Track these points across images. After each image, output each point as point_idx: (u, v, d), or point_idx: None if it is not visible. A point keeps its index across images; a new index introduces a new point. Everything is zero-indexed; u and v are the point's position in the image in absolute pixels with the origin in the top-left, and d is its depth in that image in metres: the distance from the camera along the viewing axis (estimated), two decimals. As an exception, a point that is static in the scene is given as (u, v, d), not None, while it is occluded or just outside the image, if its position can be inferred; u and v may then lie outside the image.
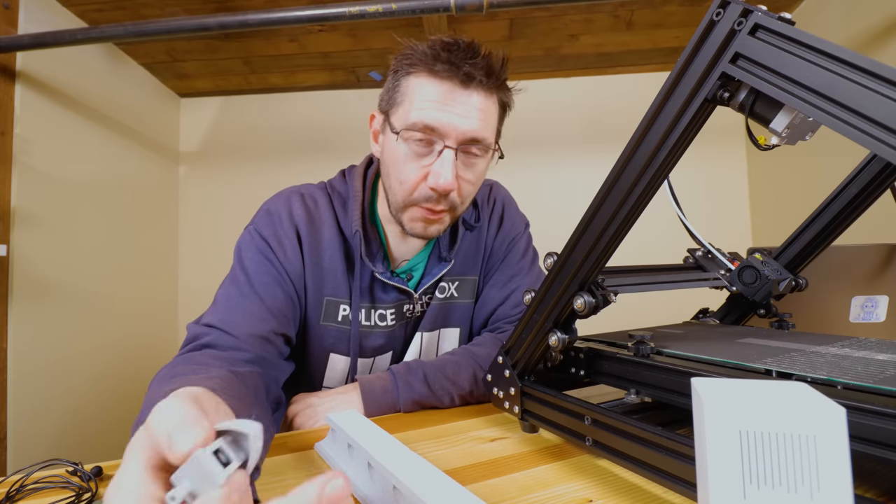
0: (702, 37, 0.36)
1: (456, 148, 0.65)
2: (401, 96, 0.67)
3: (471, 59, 0.64)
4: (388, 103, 0.70)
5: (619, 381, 0.51)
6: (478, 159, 0.69)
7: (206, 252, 2.23)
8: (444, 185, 0.65)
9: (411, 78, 0.66)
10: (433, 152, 0.66)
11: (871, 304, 0.79)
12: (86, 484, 0.47)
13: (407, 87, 0.66)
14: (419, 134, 0.65)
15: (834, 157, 1.52)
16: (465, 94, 0.64)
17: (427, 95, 0.64)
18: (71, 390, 1.59)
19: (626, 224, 0.43)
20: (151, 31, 1.33)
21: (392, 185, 0.70)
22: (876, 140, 0.29)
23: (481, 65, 0.64)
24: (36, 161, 1.47)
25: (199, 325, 0.63)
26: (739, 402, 0.26)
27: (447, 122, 0.64)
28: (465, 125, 0.64)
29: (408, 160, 0.67)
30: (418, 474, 0.37)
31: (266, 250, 0.69)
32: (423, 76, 0.65)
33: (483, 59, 0.65)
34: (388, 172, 0.70)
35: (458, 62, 0.63)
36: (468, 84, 0.64)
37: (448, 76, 0.64)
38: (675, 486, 0.37)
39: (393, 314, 0.77)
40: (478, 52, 0.65)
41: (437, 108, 0.64)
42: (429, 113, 0.64)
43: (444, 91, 0.64)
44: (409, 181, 0.67)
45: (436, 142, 0.65)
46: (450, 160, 0.65)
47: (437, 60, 0.63)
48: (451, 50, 0.64)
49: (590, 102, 2.19)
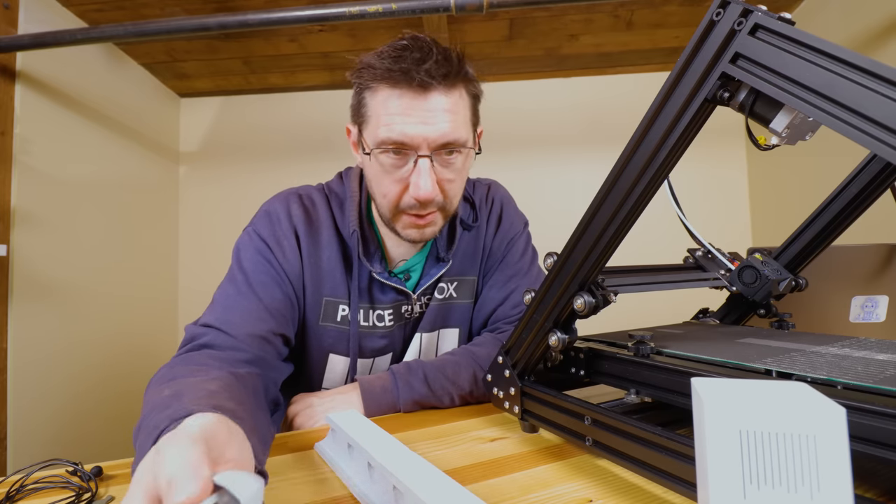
0: (702, 37, 0.36)
1: (429, 155, 0.64)
2: (367, 113, 0.66)
3: (424, 64, 0.61)
4: (357, 118, 0.69)
5: (619, 381, 0.51)
6: (456, 157, 0.67)
7: (206, 252, 2.23)
8: (424, 195, 0.64)
9: (370, 93, 0.65)
10: (408, 162, 0.65)
11: (871, 304, 0.79)
12: (86, 484, 0.47)
13: (369, 103, 0.66)
14: (391, 147, 0.64)
15: (834, 157, 1.52)
16: (426, 99, 0.62)
17: (390, 109, 0.63)
18: (71, 390, 1.59)
19: (626, 224, 0.43)
20: (151, 31, 1.33)
21: (377, 198, 0.70)
22: (876, 140, 0.29)
23: (435, 68, 0.62)
24: (36, 161, 1.47)
25: (197, 326, 0.63)
26: (739, 402, 0.26)
27: (415, 133, 0.62)
28: (433, 132, 0.63)
29: (386, 174, 0.66)
30: (418, 474, 0.37)
31: (265, 251, 0.69)
32: (382, 89, 0.64)
33: (436, 61, 0.62)
34: (372, 188, 0.71)
35: (411, 69, 0.61)
36: (427, 88, 0.62)
37: (406, 84, 0.62)
38: (675, 486, 0.37)
39: (391, 315, 0.77)
40: (429, 53, 0.62)
41: (402, 120, 0.62)
42: (395, 128, 0.62)
43: (405, 102, 0.62)
44: (391, 194, 0.67)
45: (409, 153, 0.64)
46: (426, 169, 0.64)
47: (391, 71, 0.62)
48: (402, 57, 0.62)
49: (590, 102, 2.19)
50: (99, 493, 0.46)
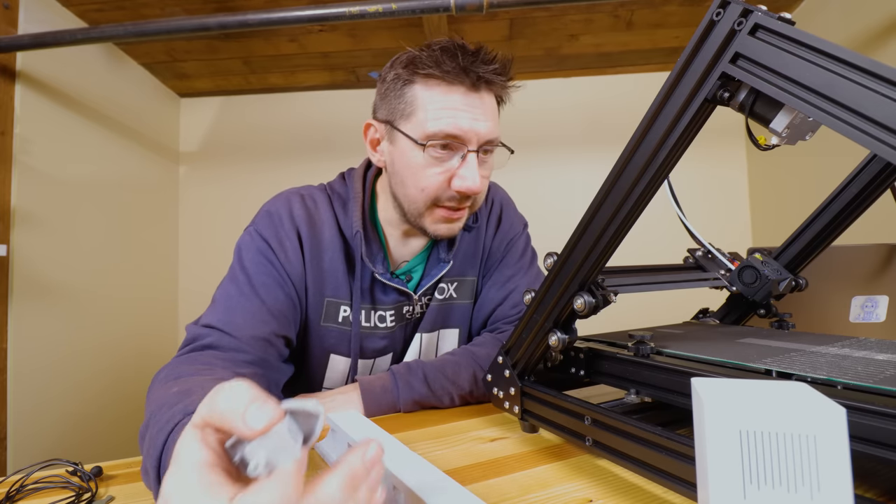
0: (702, 37, 0.36)
1: (477, 151, 0.66)
2: (409, 106, 0.66)
3: (482, 64, 0.64)
4: (392, 112, 0.69)
5: (619, 381, 0.51)
6: (490, 156, 0.71)
7: (206, 252, 2.23)
8: (473, 188, 0.66)
9: (417, 86, 0.66)
10: (454, 157, 0.67)
11: (871, 304, 0.79)
12: (86, 484, 0.47)
13: (415, 95, 0.66)
14: (441, 141, 0.65)
15: (834, 157, 1.52)
16: (477, 97, 0.66)
17: (441, 103, 0.65)
18: (71, 390, 1.59)
19: (626, 224, 0.43)
20: (151, 31, 1.33)
21: (409, 193, 0.69)
22: (876, 140, 0.29)
23: (492, 69, 0.65)
24: (36, 161, 1.47)
25: (199, 326, 0.63)
26: (739, 402, 0.26)
27: (469, 128, 0.65)
28: (484, 129, 0.66)
29: (429, 166, 0.67)
30: (418, 474, 0.37)
31: (267, 251, 0.69)
32: (432, 83, 0.65)
33: (493, 62, 0.65)
34: (404, 182, 0.69)
35: (468, 66, 0.64)
36: (478, 87, 0.65)
37: (459, 80, 0.64)
38: (675, 486, 0.37)
39: (392, 315, 0.77)
40: (487, 55, 0.66)
41: (456, 115, 0.64)
42: (449, 122, 0.64)
43: (457, 97, 0.65)
44: (432, 186, 0.67)
45: (458, 147, 0.66)
46: (475, 164, 0.66)
47: (447, 66, 0.64)
48: (458, 55, 0.64)
49: (590, 102, 2.19)
50: (99, 493, 0.46)
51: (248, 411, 0.25)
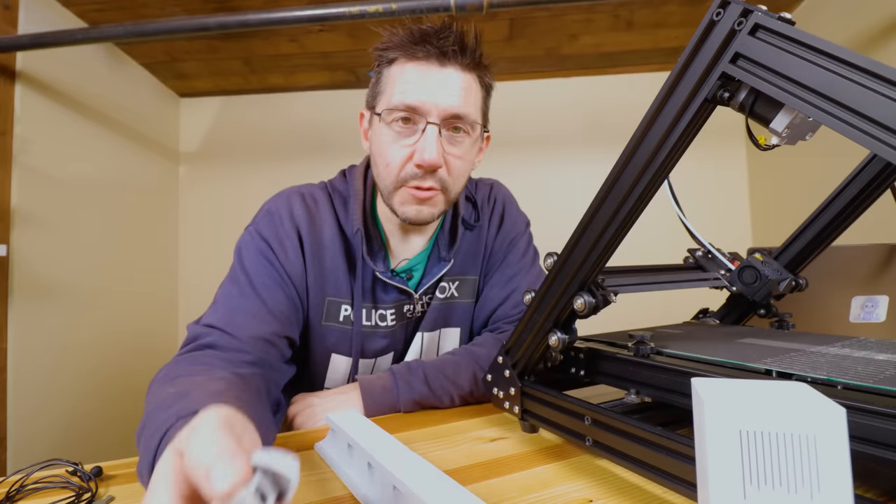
0: (702, 37, 0.36)
1: (438, 124, 0.66)
2: (383, 86, 0.69)
3: (442, 38, 0.65)
4: (373, 97, 0.72)
5: (619, 381, 0.51)
6: (463, 136, 0.69)
7: (206, 252, 2.23)
8: (429, 160, 0.65)
9: (392, 67, 0.68)
10: (417, 131, 0.67)
11: (871, 304, 0.79)
12: (86, 484, 0.47)
13: (388, 76, 0.68)
14: (401, 114, 0.66)
15: (834, 157, 1.52)
16: (443, 71, 0.66)
17: (407, 78, 0.66)
18: (71, 390, 1.59)
19: (626, 224, 0.42)
20: (151, 31, 1.33)
21: (380, 171, 0.70)
22: (876, 140, 0.29)
23: (453, 39, 0.66)
24: (36, 161, 1.47)
25: (199, 326, 0.63)
26: (739, 402, 0.26)
27: (427, 99, 0.65)
28: (445, 101, 0.66)
29: (392, 142, 0.68)
30: (418, 474, 0.37)
31: (267, 251, 0.69)
32: (402, 62, 0.67)
33: (456, 37, 0.66)
34: (376, 161, 0.71)
35: (432, 41, 0.65)
36: (444, 62, 0.66)
37: (425, 57, 0.65)
38: (675, 486, 0.37)
39: (393, 314, 0.77)
40: (449, 29, 0.67)
41: (417, 88, 0.65)
42: (409, 95, 0.65)
43: (422, 72, 0.66)
44: (396, 162, 0.68)
45: (418, 120, 0.66)
46: (433, 136, 0.65)
47: (413, 44, 0.65)
48: (425, 32, 0.66)
49: (590, 102, 2.19)
50: (99, 493, 0.46)
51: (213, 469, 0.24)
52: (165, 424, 0.42)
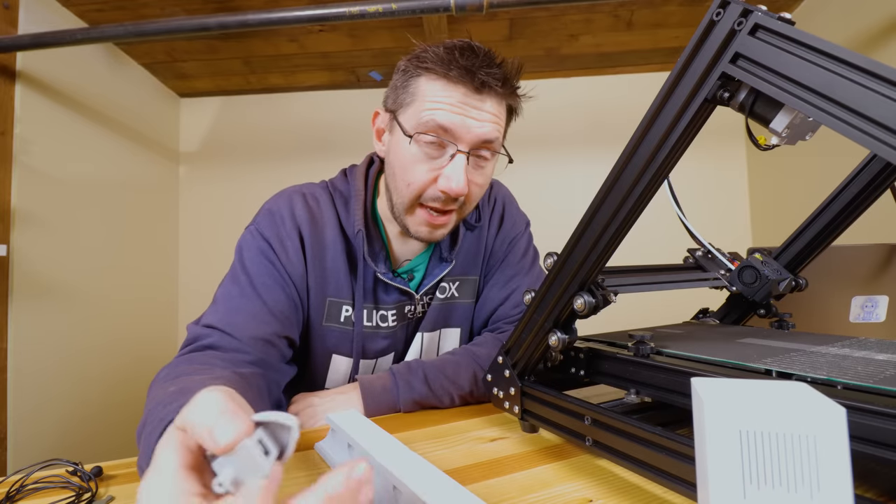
0: (702, 37, 0.36)
1: (468, 152, 0.65)
2: (410, 96, 0.66)
3: (487, 67, 0.63)
4: (395, 102, 0.69)
5: (619, 381, 0.50)
6: (487, 163, 0.69)
7: (207, 252, 2.23)
8: (456, 189, 0.64)
9: (422, 79, 0.65)
10: (444, 155, 0.66)
11: (871, 304, 0.79)
12: (86, 484, 0.47)
13: (417, 87, 0.66)
14: (431, 136, 0.64)
15: (834, 157, 1.52)
16: (479, 99, 0.64)
17: (439, 97, 0.64)
18: (71, 390, 1.59)
19: (626, 224, 0.42)
20: (151, 31, 1.33)
21: (398, 186, 0.69)
22: (876, 140, 0.29)
23: (497, 73, 0.64)
24: (36, 161, 1.47)
25: (199, 326, 0.63)
26: (739, 402, 0.26)
27: (461, 124, 0.63)
28: (478, 129, 0.64)
29: (417, 162, 0.66)
30: (418, 474, 0.37)
31: (268, 251, 0.69)
32: (436, 78, 0.64)
33: (499, 67, 0.65)
34: (395, 173, 0.69)
35: (474, 68, 0.63)
36: (482, 90, 0.64)
37: (462, 81, 0.63)
38: (675, 486, 0.37)
39: (394, 315, 0.77)
40: (494, 60, 0.65)
41: (451, 109, 0.63)
42: (441, 114, 0.63)
43: (457, 95, 0.64)
44: (418, 183, 0.67)
45: (448, 145, 0.65)
46: (462, 164, 0.65)
47: (453, 64, 0.63)
48: (467, 55, 0.64)
49: (590, 102, 2.19)
50: (99, 493, 0.46)
51: (215, 425, 0.24)
52: (167, 419, 0.42)
